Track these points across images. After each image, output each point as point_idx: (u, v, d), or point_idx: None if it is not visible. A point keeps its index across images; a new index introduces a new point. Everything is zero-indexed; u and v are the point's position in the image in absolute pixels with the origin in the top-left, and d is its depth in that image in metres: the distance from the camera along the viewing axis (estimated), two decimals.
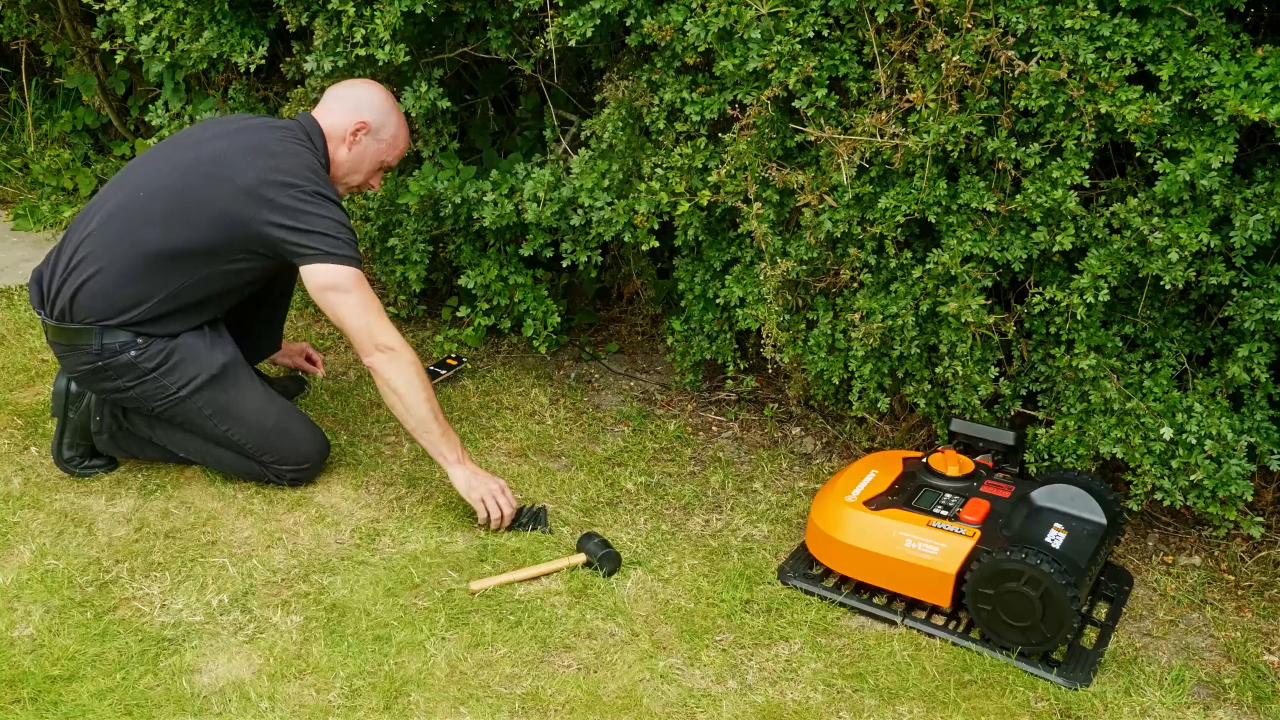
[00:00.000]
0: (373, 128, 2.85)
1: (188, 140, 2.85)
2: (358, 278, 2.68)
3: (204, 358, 2.80)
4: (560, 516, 2.87)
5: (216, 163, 2.72)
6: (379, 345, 2.67)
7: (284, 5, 3.14)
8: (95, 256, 2.72)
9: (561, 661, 2.40)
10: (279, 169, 2.69)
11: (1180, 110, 2.35)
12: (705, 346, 3.21)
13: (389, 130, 2.89)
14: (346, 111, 2.84)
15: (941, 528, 2.48)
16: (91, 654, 2.37)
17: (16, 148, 4.92)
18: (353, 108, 2.84)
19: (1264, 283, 2.44)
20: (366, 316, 2.67)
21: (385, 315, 2.71)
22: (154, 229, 2.70)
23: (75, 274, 2.73)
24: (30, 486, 2.93)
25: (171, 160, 2.79)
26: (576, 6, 2.80)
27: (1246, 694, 2.35)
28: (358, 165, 2.88)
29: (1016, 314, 2.73)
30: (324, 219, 2.67)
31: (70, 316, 2.74)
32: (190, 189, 2.70)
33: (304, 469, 2.93)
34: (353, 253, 2.69)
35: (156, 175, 2.77)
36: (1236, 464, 2.49)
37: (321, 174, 2.76)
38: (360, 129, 2.84)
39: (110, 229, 2.73)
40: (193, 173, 2.72)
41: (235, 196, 2.66)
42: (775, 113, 2.71)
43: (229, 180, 2.68)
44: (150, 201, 2.72)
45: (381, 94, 2.89)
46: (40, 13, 4.54)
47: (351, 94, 2.87)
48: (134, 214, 2.72)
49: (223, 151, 2.74)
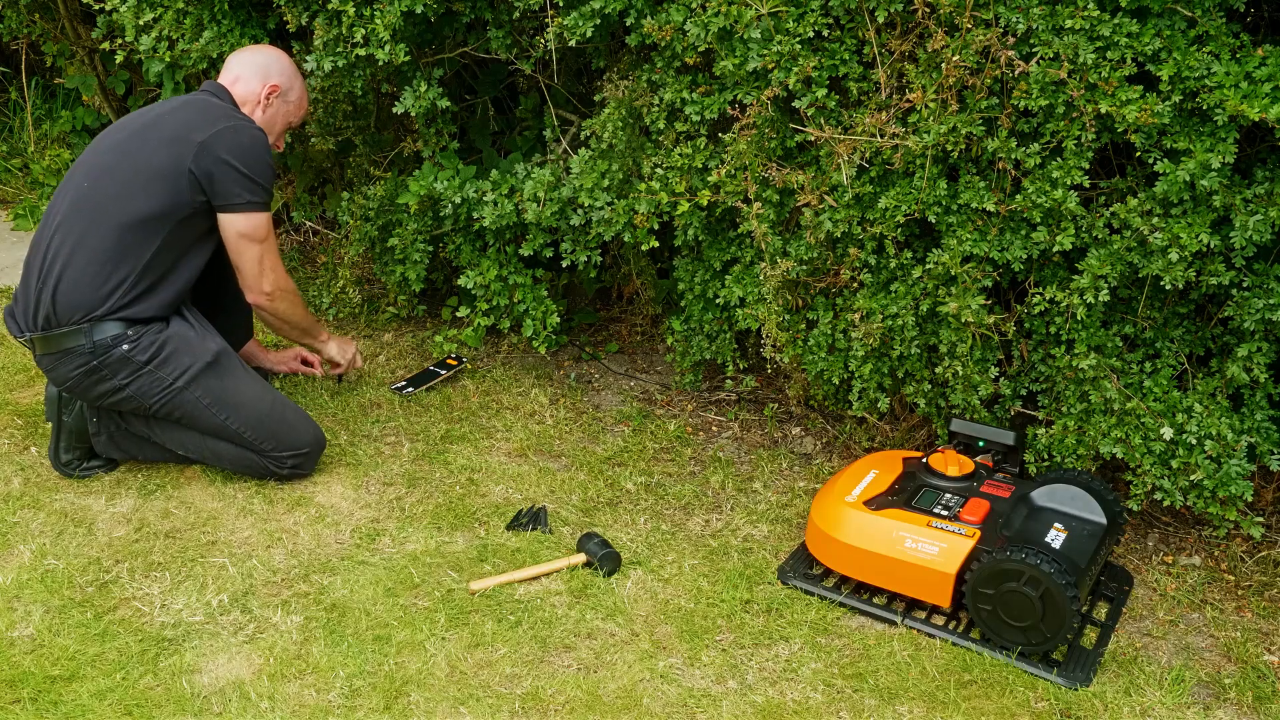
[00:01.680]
0: (282, 89, 3.01)
1: (112, 131, 2.95)
2: (268, 225, 2.88)
3: (196, 346, 2.84)
4: (560, 516, 2.87)
5: (150, 128, 2.86)
6: (274, 286, 2.95)
7: (284, 5, 3.14)
8: (64, 253, 2.78)
9: (561, 661, 2.40)
10: (207, 116, 2.84)
11: (1180, 110, 2.35)
12: (705, 346, 3.21)
13: (295, 92, 3.05)
14: (256, 77, 2.98)
15: (941, 528, 2.48)
16: (91, 654, 2.37)
17: (16, 148, 4.92)
18: (262, 72, 2.98)
19: (1264, 283, 2.44)
20: (264, 264, 2.90)
21: (279, 259, 2.96)
22: (111, 206, 2.78)
23: (51, 277, 2.78)
24: (30, 486, 2.93)
25: (102, 148, 2.90)
26: (576, 6, 2.80)
27: (1246, 694, 2.35)
28: (270, 127, 3.01)
29: (1016, 314, 2.73)
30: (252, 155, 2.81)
31: (56, 320, 2.77)
32: (129, 157, 2.82)
33: (303, 454, 2.94)
34: (267, 196, 2.86)
35: (95, 164, 2.87)
36: (1236, 464, 2.49)
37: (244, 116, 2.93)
38: (272, 92, 2.98)
39: (71, 225, 2.80)
40: (128, 144, 2.85)
41: (171, 144, 2.79)
42: (775, 113, 2.71)
43: (163, 136, 2.82)
44: (98, 185, 2.82)
45: (285, 57, 3.05)
46: (40, 13, 4.54)
47: (258, 59, 3.01)
48: (88, 203, 2.80)
49: (152, 121, 2.89)
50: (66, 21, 4.46)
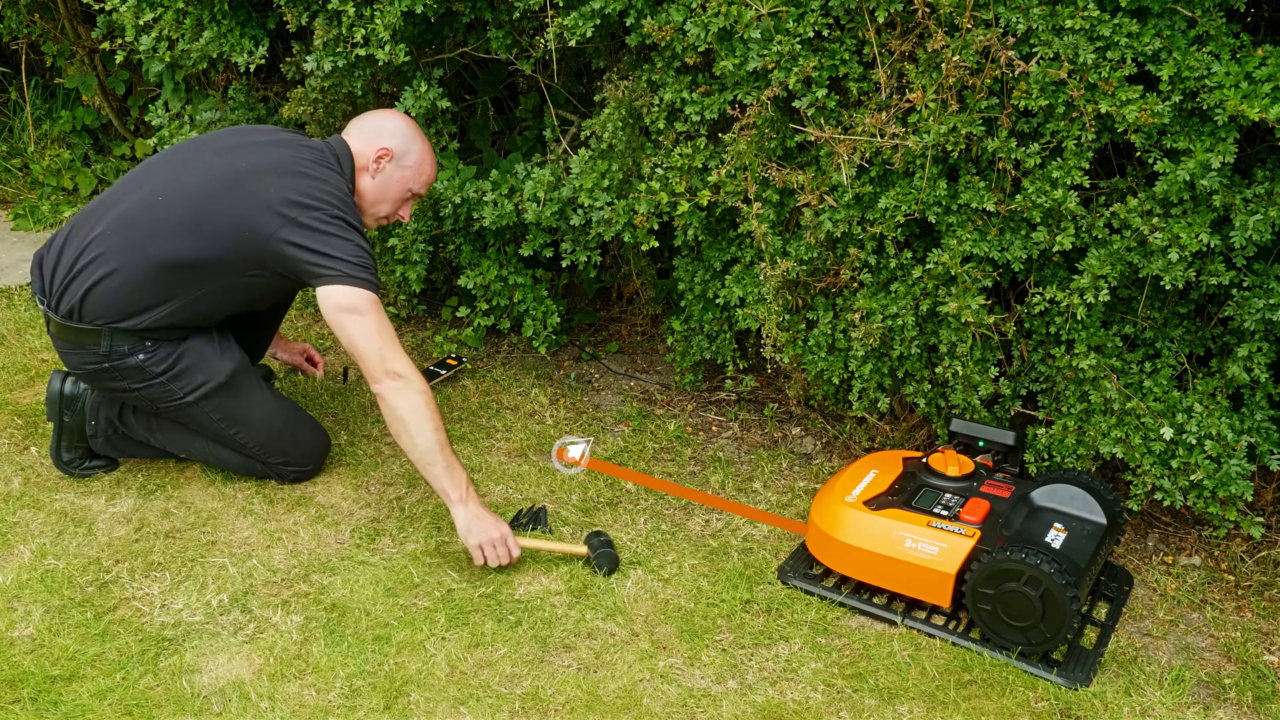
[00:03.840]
0: (396, 154, 2.80)
1: (212, 147, 2.78)
2: (375, 302, 2.62)
3: (213, 365, 2.77)
4: (560, 516, 2.87)
5: (243, 176, 2.66)
6: (390, 372, 2.58)
7: (284, 5, 3.13)
8: (106, 259, 2.66)
9: (561, 661, 2.40)
10: (306, 191, 2.63)
11: (1180, 110, 2.35)
12: (705, 346, 3.21)
13: (413, 157, 2.83)
14: (368, 138, 2.79)
15: (941, 528, 2.48)
16: (91, 654, 2.37)
17: (16, 148, 4.91)
18: (374, 135, 2.80)
19: (1264, 283, 2.44)
20: (380, 341, 2.59)
21: (399, 343, 2.64)
22: (170, 238, 2.63)
23: (85, 274, 2.67)
24: (30, 486, 2.93)
25: (192, 167, 2.72)
26: (576, 6, 2.80)
27: (1246, 694, 2.35)
28: (383, 193, 2.83)
29: (1016, 314, 2.73)
30: (345, 242, 2.63)
31: (79, 317, 2.69)
32: (211, 199, 2.65)
33: (307, 469, 2.95)
34: (372, 278, 2.63)
35: (176, 181, 2.70)
36: (1236, 464, 2.49)
37: (349, 200, 2.71)
38: (383, 155, 2.79)
39: (124, 233, 2.67)
40: (217, 183, 2.66)
41: (258, 212, 2.61)
42: (775, 113, 2.71)
43: (253, 195, 2.62)
44: (168, 209, 2.66)
45: (404, 121, 2.86)
46: (40, 13, 4.54)
47: (373, 122, 2.84)
48: (150, 220, 2.66)
49: (249, 165, 2.68)
50: (66, 21, 4.46)
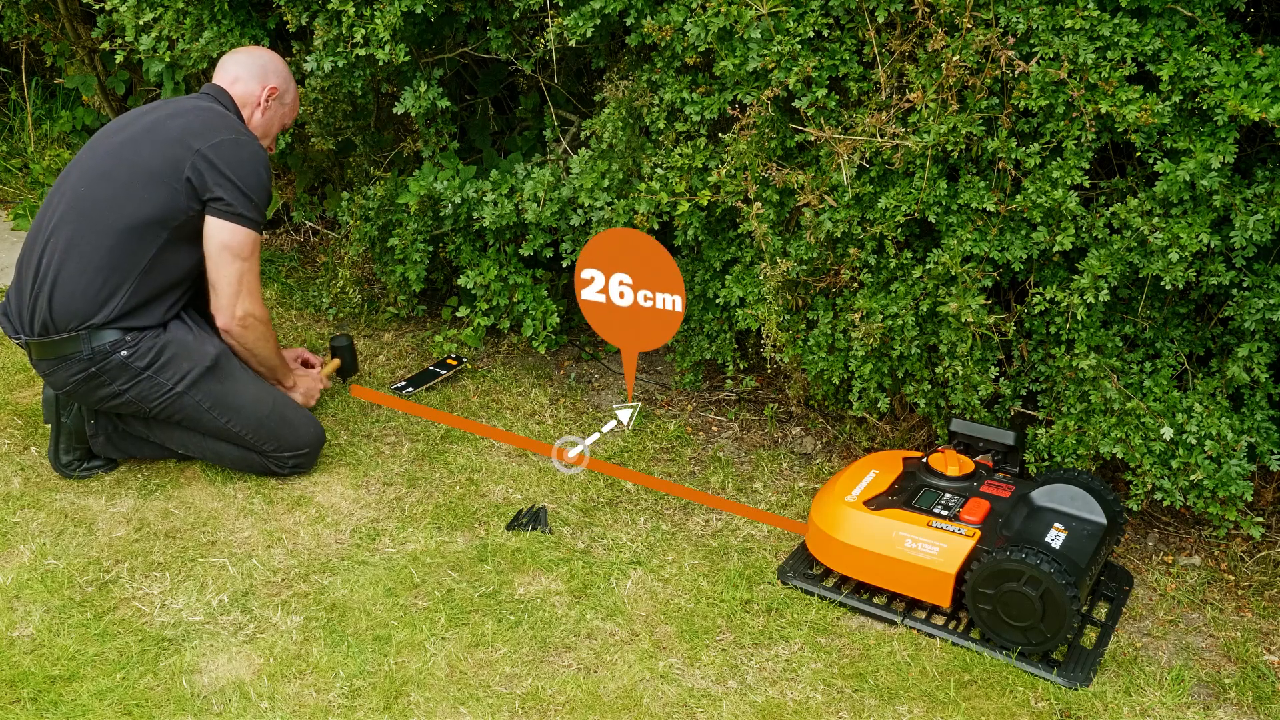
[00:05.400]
0: (280, 92, 3.01)
1: (107, 133, 2.93)
2: (255, 246, 2.84)
3: (195, 351, 2.83)
4: (560, 516, 2.87)
5: (148, 132, 2.84)
6: (240, 317, 2.85)
7: (284, 5, 3.14)
8: (60, 259, 2.76)
9: (561, 661, 2.40)
10: (209, 124, 2.83)
11: (1180, 110, 2.35)
12: (705, 346, 3.21)
13: (290, 94, 3.06)
14: (255, 78, 2.98)
15: (941, 528, 2.48)
16: (91, 654, 2.37)
17: (16, 148, 4.92)
18: (260, 74, 2.99)
19: (1264, 283, 2.44)
20: (244, 285, 2.83)
21: (259, 285, 2.89)
22: (106, 210, 2.76)
23: (46, 283, 2.76)
24: (30, 486, 2.93)
25: (99, 152, 2.87)
26: (576, 6, 2.80)
27: (1246, 694, 2.35)
28: (268, 129, 3.03)
29: (1016, 314, 2.73)
30: (250, 170, 2.80)
31: (54, 326, 2.75)
32: (126, 161, 2.80)
33: (304, 454, 2.95)
34: (260, 217, 2.84)
35: (90, 168, 2.84)
36: (1236, 464, 2.49)
37: (249, 132, 2.91)
38: (271, 94, 2.99)
39: (66, 230, 2.78)
40: (125, 149, 2.83)
41: (170, 148, 2.78)
42: (775, 113, 2.71)
43: (162, 140, 2.80)
44: (94, 190, 2.79)
45: (280, 59, 3.05)
46: (40, 13, 4.54)
47: (255, 60, 3.00)
48: (84, 208, 2.78)
49: (150, 124, 2.86)
50: (66, 21, 4.46)
